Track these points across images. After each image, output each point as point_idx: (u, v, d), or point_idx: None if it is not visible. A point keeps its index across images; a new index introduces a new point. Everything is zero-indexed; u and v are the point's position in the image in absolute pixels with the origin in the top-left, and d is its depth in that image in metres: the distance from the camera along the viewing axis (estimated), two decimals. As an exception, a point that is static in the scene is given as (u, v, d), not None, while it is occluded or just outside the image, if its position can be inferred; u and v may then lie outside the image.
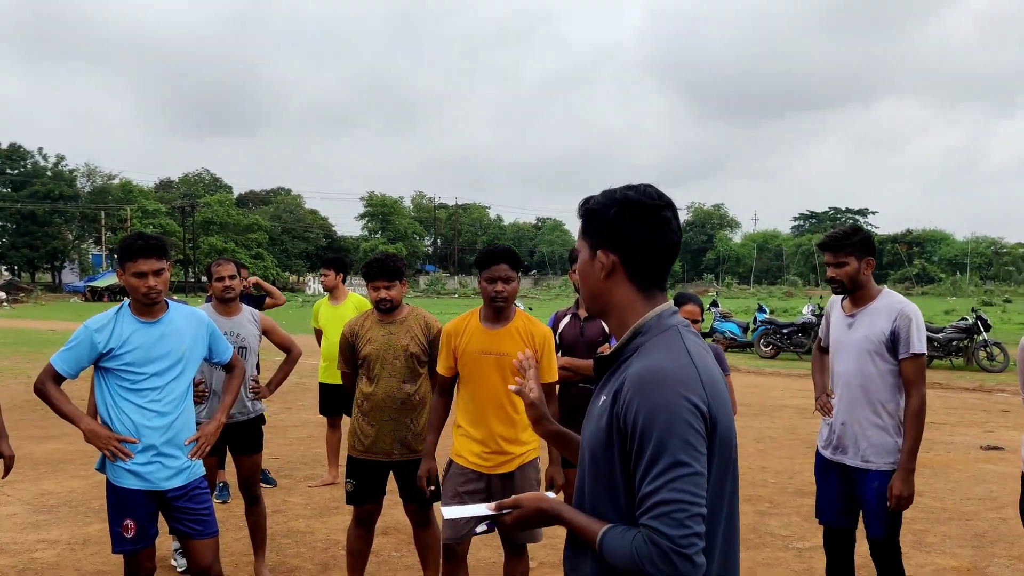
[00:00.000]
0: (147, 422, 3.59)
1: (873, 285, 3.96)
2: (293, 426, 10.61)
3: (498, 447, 4.06)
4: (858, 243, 3.89)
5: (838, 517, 4.06)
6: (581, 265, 2.00)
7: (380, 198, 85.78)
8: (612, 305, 1.96)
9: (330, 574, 5.36)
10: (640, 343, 1.88)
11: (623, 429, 1.78)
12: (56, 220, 67.84)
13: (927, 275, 73.20)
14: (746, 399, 13.09)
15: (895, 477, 3.79)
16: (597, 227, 1.94)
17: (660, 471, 1.70)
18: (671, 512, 1.68)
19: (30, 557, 5.62)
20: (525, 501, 1.94)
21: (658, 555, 1.67)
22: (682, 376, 1.77)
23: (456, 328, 4.16)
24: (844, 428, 3.95)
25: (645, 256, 1.91)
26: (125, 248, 3.59)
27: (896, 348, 3.81)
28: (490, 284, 4.01)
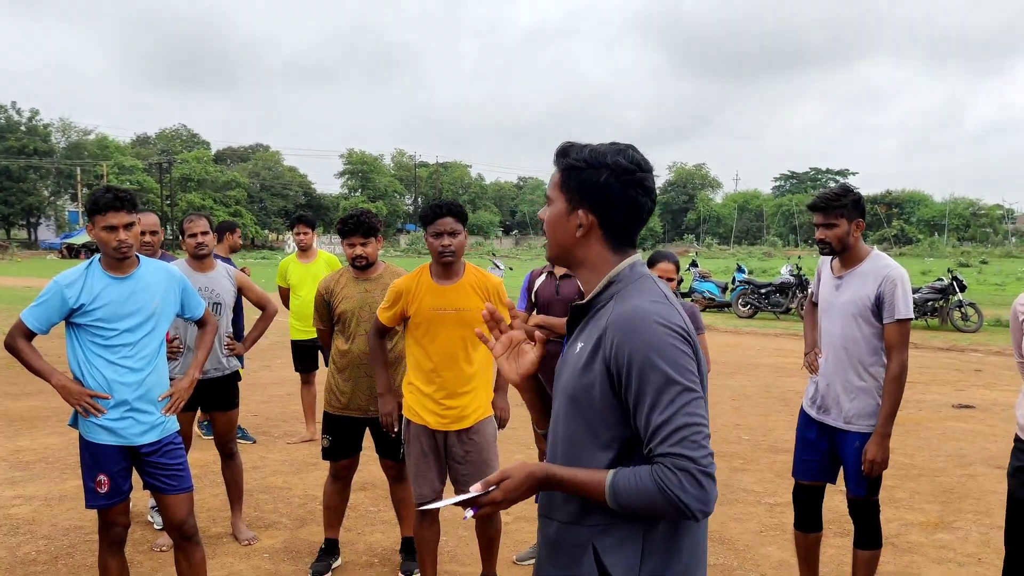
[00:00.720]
0: (119, 378, 3.57)
1: (863, 247, 3.92)
2: (272, 383, 10.61)
3: (453, 404, 4.03)
4: (849, 204, 3.84)
5: (815, 474, 4.10)
6: (554, 216, 1.97)
7: (360, 155, 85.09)
8: (583, 259, 1.97)
9: (307, 528, 5.40)
10: (616, 291, 1.90)
11: (614, 373, 1.80)
12: (31, 176, 66.93)
13: (905, 236, 73.73)
14: (723, 358, 13.20)
15: (870, 441, 3.81)
16: (581, 186, 1.92)
17: (670, 400, 1.73)
18: (690, 436, 1.71)
19: (6, 513, 5.62)
20: (513, 471, 1.87)
21: (687, 479, 1.70)
22: (666, 312, 1.81)
23: (407, 287, 4.08)
24: (828, 388, 3.97)
25: (623, 220, 1.93)
26: (94, 202, 3.55)
27: (881, 312, 3.80)
28: (436, 239, 3.95)
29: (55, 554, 4.92)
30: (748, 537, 5.32)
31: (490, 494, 1.85)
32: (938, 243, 66.28)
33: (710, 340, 15.44)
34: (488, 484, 1.86)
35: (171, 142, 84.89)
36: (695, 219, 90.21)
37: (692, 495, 1.70)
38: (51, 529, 5.32)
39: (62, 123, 72.82)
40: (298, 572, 4.72)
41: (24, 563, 4.79)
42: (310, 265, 7.38)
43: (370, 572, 4.76)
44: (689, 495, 1.70)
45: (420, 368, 4.09)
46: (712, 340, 15.52)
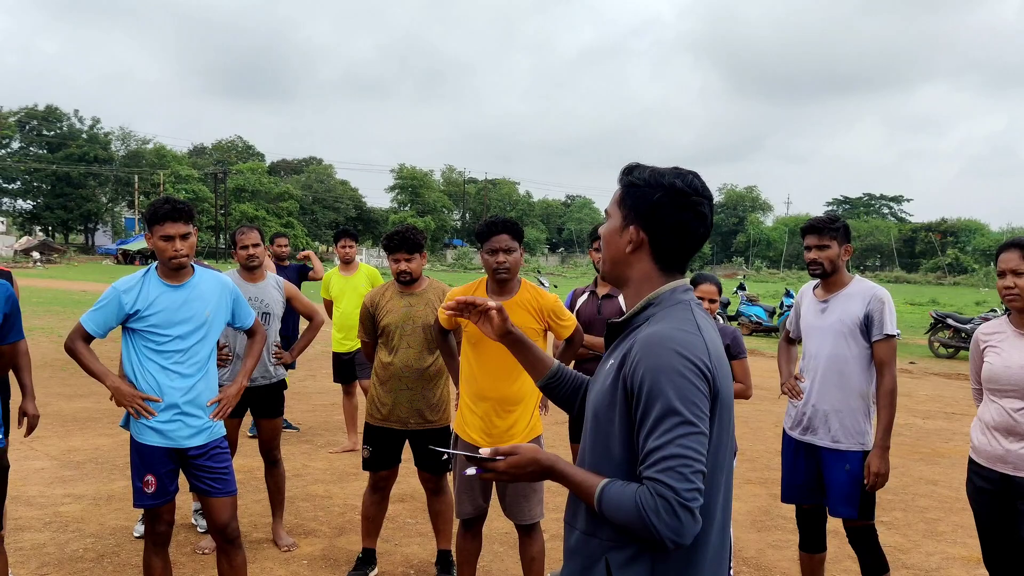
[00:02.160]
0: (170, 382, 3.69)
1: (846, 272, 4.11)
2: (316, 393, 10.76)
3: (500, 422, 4.06)
4: (840, 229, 4.05)
5: (805, 496, 4.18)
6: (609, 230, 2.04)
7: (411, 171, 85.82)
8: (630, 277, 2.03)
9: (346, 537, 5.48)
10: (651, 313, 1.95)
11: (629, 389, 1.84)
12: (90, 183, 68.55)
13: (960, 265, 72.24)
14: (768, 383, 13.06)
15: (872, 455, 3.88)
16: (637, 203, 1.98)
17: (667, 428, 1.76)
18: (677, 466, 1.74)
19: (56, 511, 5.78)
20: (522, 450, 1.95)
21: (663, 506, 1.73)
22: (689, 342, 1.84)
23: None
24: (815, 409, 4.05)
25: (674, 242, 1.97)
26: (153, 212, 3.68)
27: (869, 331, 3.93)
28: (491, 256, 4.00)
29: (101, 552, 5.06)
30: (785, 564, 5.28)
31: (496, 462, 1.94)
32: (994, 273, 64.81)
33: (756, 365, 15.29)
34: (497, 453, 1.95)
35: (227, 153, 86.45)
36: (744, 242, 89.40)
37: (665, 523, 1.73)
38: (98, 528, 5.47)
39: (122, 132, 74.69)
40: (335, 580, 4.79)
41: (72, 560, 4.93)
42: (351, 278, 7.52)
43: (406, 583, 4.81)
44: (663, 522, 1.73)
45: (470, 384, 4.13)
46: (757, 365, 15.39)
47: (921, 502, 6.76)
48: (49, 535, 5.31)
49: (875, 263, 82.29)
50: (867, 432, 3.97)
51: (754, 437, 8.95)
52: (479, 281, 4.19)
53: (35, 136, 69.18)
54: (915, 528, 6.10)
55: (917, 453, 8.40)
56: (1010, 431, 3.45)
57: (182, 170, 69.65)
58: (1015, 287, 3.45)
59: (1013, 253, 3.49)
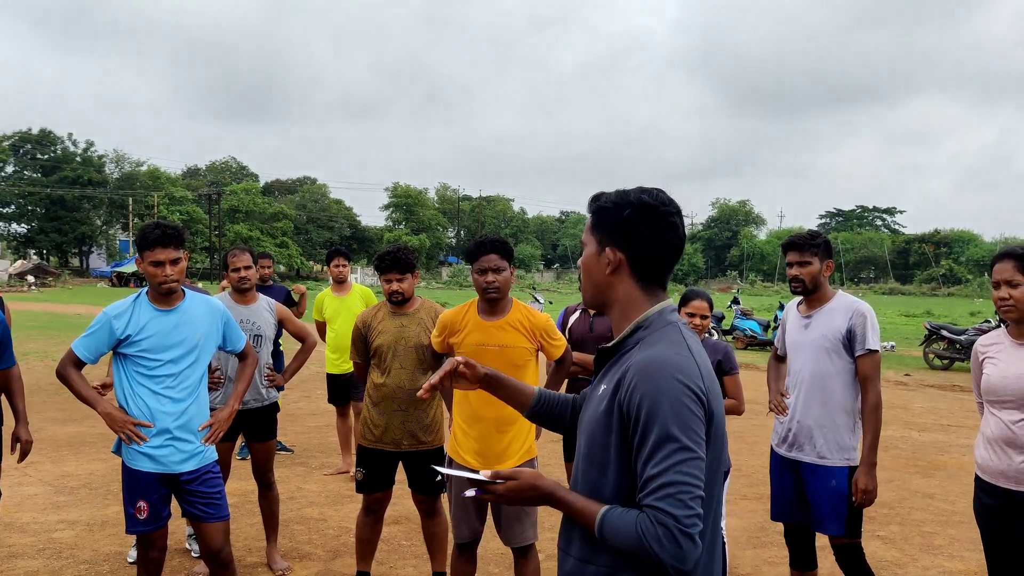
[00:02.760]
0: (162, 407, 3.69)
1: (828, 288, 4.11)
2: (310, 414, 10.73)
3: (494, 443, 4.05)
4: (821, 245, 4.06)
5: (793, 514, 4.16)
6: (587, 258, 2.07)
7: (405, 189, 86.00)
8: (614, 300, 2.04)
9: (341, 560, 5.46)
10: (641, 336, 1.96)
11: (626, 415, 1.85)
12: (85, 205, 68.59)
13: (954, 276, 72.44)
14: (764, 397, 13.05)
15: (859, 472, 3.87)
16: (608, 225, 2.01)
17: (665, 455, 1.77)
18: (676, 493, 1.75)
19: (49, 537, 5.75)
20: (523, 475, 1.96)
21: (664, 534, 1.74)
22: (684, 366, 1.85)
23: (453, 320, 4.17)
24: (800, 425, 4.04)
25: (651, 257, 1.99)
26: (143, 237, 3.69)
27: (852, 345, 3.93)
28: (481, 275, 4.01)
29: (95, 579, 5.03)
30: (782, 581, 5.27)
31: (496, 486, 1.95)
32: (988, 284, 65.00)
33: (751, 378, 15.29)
34: (498, 476, 1.96)
35: (221, 174, 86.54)
36: (738, 255, 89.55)
37: (667, 551, 1.74)
38: (92, 554, 5.44)
39: (116, 154, 74.81)
40: (330, 603, 4.77)
41: (65, 587, 4.90)
42: (345, 298, 7.51)
43: (401, 605, 4.79)
44: (664, 550, 1.74)
45: (463, 407, 4.12)
46: (752, 378, 15.38)
47: (917, 515, 6.75)
48: (43, 562, 5.28)
49: (869, 275, 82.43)
50: (853, 448, 3.96)
51: (750, 452, 8.94)
52: (470, 303, 4.20)
53: (29, 160, 69.27)
54: (912, 542, 6.08)
55: (913, 466, 8.40)
56: (1010, 443, 3.41)
57: (176, 192, 69.73)
58: (1010, 298, 3.42)
59: (1007, 263, 3.46)
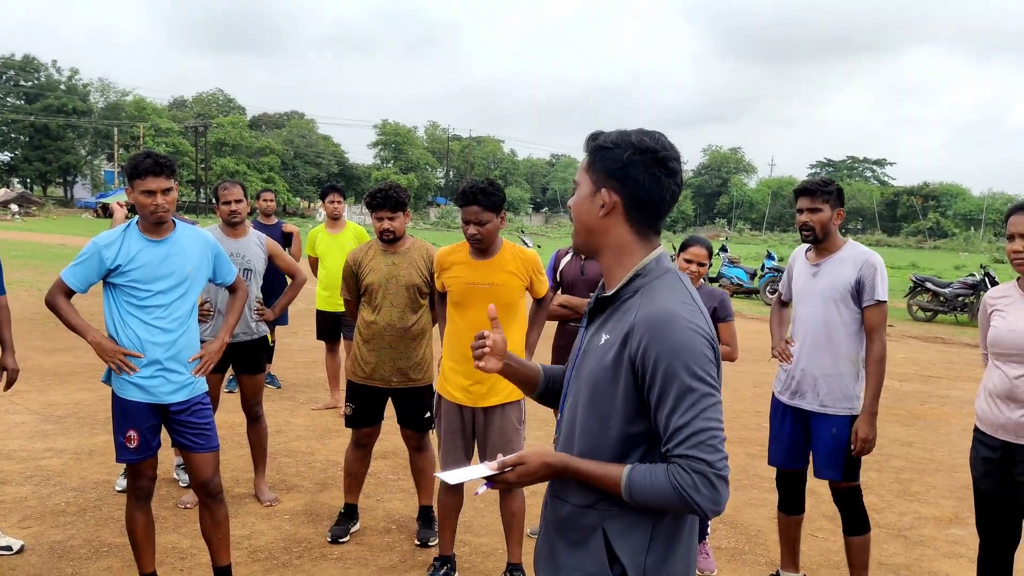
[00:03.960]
0: (152, 338, 3.68)
1: (838, 236, 4.08)
2: (298, 350, 10.76)
3: (482, 379, 4.08)
4: (834, 192, 4.01)
5: (789, 459, 4.23)
6: (579, 199, 2.00)
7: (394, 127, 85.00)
8: (605, 244, 1.98)
9: (328, 493, 5.52)
10: (640, 285, 1.93)
11: (639, 369, 1.84)
12: (69, 135, 67.54)
13: (941, 229, 72.73)
14: (749, 344, 13.15)
15: (859, 420, 3.92)
16: (606, 165, 1.94)
17: (690, 404, 1.78)
18: (707, 440, 1.77)
19: (37, 465, 5.79)
20: (529, 457, 1.94)
21: (701, 481, 1.76)
22: (694, 316, 1.85)
23: (443, 259, 4.19)
24: (804, 374, 4.07)
25: (647, 201, 1.93)
26: (134, 166, 3.64)
27: (860, 296, 3.93)
28: (466, 225, 4.02)
29: (83, 506, 5.07)
30: (760, 523, 5.37)
31: (504, 474, 1.94)
32: (974, 238, 65.34)
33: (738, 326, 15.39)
34: (504, 465, 1.95)
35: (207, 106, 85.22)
36: (728, 203, 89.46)
37: (706, 496, 1.76)
38: (80, 482, 5.48)
39: (101, 83, 73.44)
40: (317, 535, 4.84)
41: (54, 513, 4.94)
42: (338, 236, 7.47)
43: (387, 538, 4.87)
44: (703, 496, 1.76)
45: (452, 342, 4.16)
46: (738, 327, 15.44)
47: (895, 463, 6.87)
48: (31, 488, 5.32)
49: (856, 226, 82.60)
50: (856, 397, 3.99)
51: (732, 398, 9.04)
52: (464, 243, 4.19)
53: (12, 87, 67.97)
54: (889, 488, 6.20)
55: (893, 415, 8.53)
56: (1010, 397, 3.42)
57: (162, 123, 68.74)
58: (1023, 251, 3.40)
59: (1022, 217, 3.40)
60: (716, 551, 4.88)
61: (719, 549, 4.93)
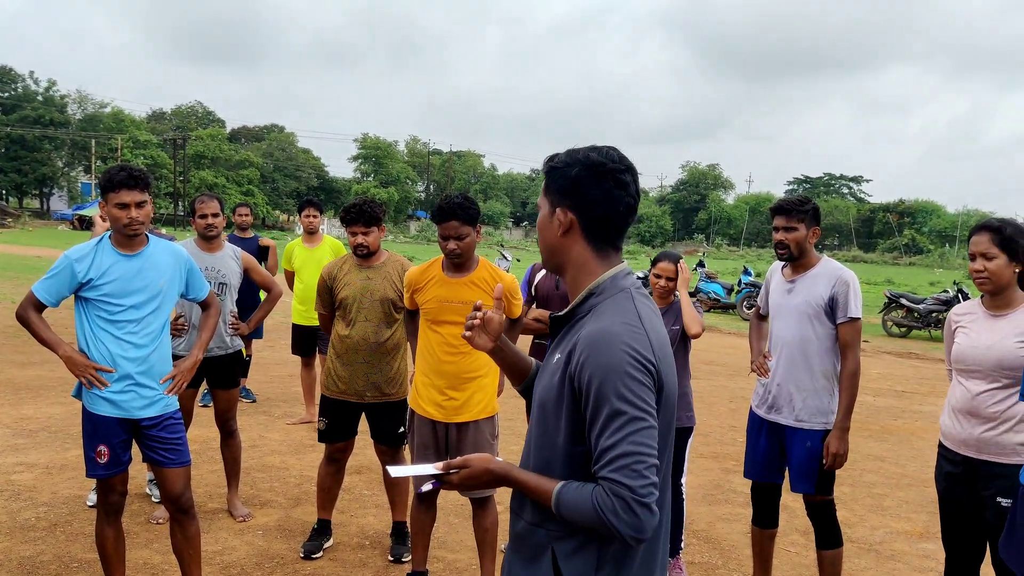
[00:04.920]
0: (123, 352, 3.66)
1: (814, 253, 4.13)
2: (274, 364, 10.72)
3: (455, 395, 4.10)
4: (810, 211, 4.07)
5: (764, 473, 4.27)
6: (541, 220, 2.04)
7: (374, 140, 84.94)
8: (567, 262, 2.01)
9: (301, 508, 5.50)
10: (594, 304, 1.94)
11: (577, 387, 1.85)
12: (46, 146, 66.94)
13: (916, 246, 73.43)
14: (724, 359, 13.27)
15: (831, 436, 3.97)
16: (558, 185, 1.98)
17: (618, 426, 1.77)
18: (631, 464, 1.75)
19: (7, 479, 5.73)
20: (474, 461, 1.98)
21: (620, 505, 1.75)
22: (632, 336, 1.84)
23: (417, 278, 4.18)
24: (780, 388, 4.12)
25: (602, 217, 1.95)
26: (108, 179, 3.63)
27: (834, 313, 3.98)
28: (444, 241, 4.02)
29: (54, 521, 5.02)
30: (735, 537, 5.39)
31: (449, 476, 2.00)
32: (949, 255, 66.01)
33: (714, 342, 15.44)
34: (449, 467, 1.99)
35: (186, 119, 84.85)
36: (706, 219, 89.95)
37: (624, 521, 1.76)
38: (51, 497, 5.43)
39: (79, 95, 72.83)
40: (290, 550, 4.81)
41: (23, 528, 4.89)
42: (314, 250, 7.47)
43: (360, 554, 4.85)
44: (622, 521, 1.76)
45: (426, 358, 4.17)
46: (715, 342, 15.60)
47: (868, 478, 6.92)
48: (1, 503, 5.26)
49: (833, 243, 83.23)
50: (831, 411, 4.02)
51: (708, 412, 9.09)
52: (435, 260, 4.21)
53: (-12, 97, 67.43)
54: (861, 503, 6.25)
55: (866, 430, 8.60)
56: (972, 413, 3.47)
57: (140, 135, 68.31)
58: (984, 270, 3.44)
59: (983, 236, 3.45)
60: (690, 566, 4.90)
61: (693, 564, 4.95)
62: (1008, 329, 3.44)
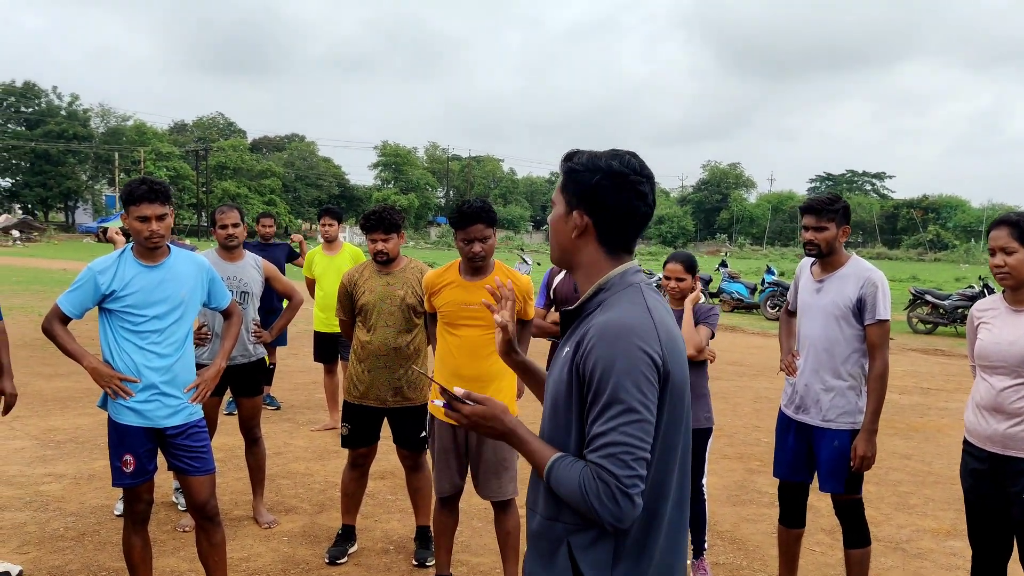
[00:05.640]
0: (147, 362, 3.71)
1: (843, 252, 4.08)
2: (299, 371, 10.78)
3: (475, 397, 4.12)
4: (840, 211, 4.01)
5: (792, 472, 4.24)
6: (555, 218, 2.06)
7: (394, 148, 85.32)
8: (579, 262, 2.04)
9: (326, 514, 5.53)
10: (603, 298, 1.97)
11: (582, 376, 1.89)
12: (70, 160, 67.72)
13: (941, 241, 72.71)
14: (748, 359, 13.21)
15: (859, 438, 3.93)
16: (578, 188, 1.99)
17: (613, 415, 1.81)
18: (619, 453, 1.79)
19: (36, 490, 5.80)
20: (491, 403, 2.03)
21: (603, 490, 1.79)
22: (640, 329, 1.87)
23: (434, 282, 4.20)
24: (807, 388, 4.08)
25: (617, 223, 1.99)
26: (129, 192, 3.68)
27: (862, 314, 3.93)
28: (467, 244, 4.03)
29: (82, 531, 5.09)
30: (759, 538, 5.37)
31: (463, 405, 2.04)
32: (974, 250, 65.31)
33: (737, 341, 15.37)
34: (469, 398, 2.05)
35: (208, 130, 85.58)
36: (728, 219, 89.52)
37: (607, 507, 1.79)
38: (79, 507, 5.50)
39: (101, 109, 73.65)
40: (315, 556, 4.85)
41: (52, 539, 4.95)
42: (334, 258, 7.52)
43: (385, 559, 4.88)
44: (604, 506, 1.79)
45: (445, 363, 4.17)
46: (739, 342, 15.53)
47: (894, 476, 6.87)
48: (30, 514, 5.33)
49: (857, 240, 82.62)
50: (859, 411, 3.98)
51: (732, 413, 9.05)
52: (452, 264, 4.23)
53: (13, 113, 68.28)
54: (887, 501, 6.21)
55: (892, 428, 8.53)
56: (997, 409, 3.43)
57: (162, 147, 68.96)
58: (1005, 265, 3.40)
59: (1002, 231, 3.41)
60: (714, 567, 4.89)
61: (717, 565, 4.93)
62: None
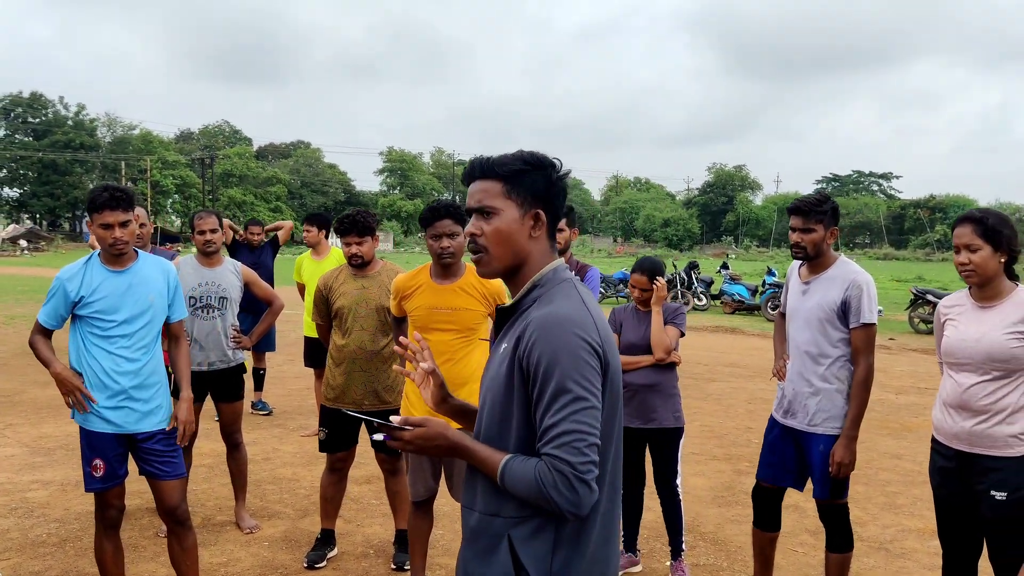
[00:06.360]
0: (117, 367, 3.72)
1: (831, 254, 3.99)
2: (292, 377, 10.79)
3: None
4: (828, 212, 3.93)
5: (775, 476, 4.18)
6: (508, 224, 2.00)
7: (399, 153, 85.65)
8: (527, 262, 2.04)
9: (309, 519, 5.53)
10: (538, 295, 2.00)
11: (526, 371, 1.90)
12: (77, 170, 68.15)
13: (948, 242, 72.33)
14: (746, 361, 13.18)
15: (837, 444, 3.86)
16: (533, 187, 2.01)
17: (562, 405, 1.84)
18: (572, 441, 1.83)
19: (23, 496, 5.82)
20: (431, 424, 2.01)
21: (560, 480, 1.82)
22: (579, 320, 1.91)
23: (405, 285, 4.20)
24: (795, 393, 4.02)
25: (557, 216, 2.08)
26: (92, 200, 3.69)
27: (847, 317, 3.85)
28: (436, 241, 4.04)
29: (64, 537, 5.10)
30: (742, 539, 5.35)
31: (403, 431, 2.00)
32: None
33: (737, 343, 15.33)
34: (407, 423, 2.01)
35: (214, 138, 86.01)
36: (734, 221, 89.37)
37: (564, 496, 1.82)
38: (63, 513, 5.51)
39: (108, 118, 74.21)
40: (295, 561, 4.85)
41: (34, 544, 4.97)
42: (321, 263, 7.55)
43: (364, 563, 4.88)
44: (561, 495, 1.82)
45: None
46: (738, 343, 15.51)
47: (883, 476, 6.84)
48: (14, 521, 5.35)
49: (864, 240, 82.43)
50: (844, 416, 3.91)
51: (725, 414, 9.03)
52: (423, 267, 4.23)
53: (20, 123, 68.74)
54: (874, 501, 6.18)
55: (886, 428, 8.49)
56: (963, 407, 3.40)
57: (169, 156, 69.33)
58: (969, 262, 3.36)
59: (966, 228, 3.37)
60: (694, 568, 4.87)
61: (698, 566, 4.92)
62: (996, 320, 3.38)
